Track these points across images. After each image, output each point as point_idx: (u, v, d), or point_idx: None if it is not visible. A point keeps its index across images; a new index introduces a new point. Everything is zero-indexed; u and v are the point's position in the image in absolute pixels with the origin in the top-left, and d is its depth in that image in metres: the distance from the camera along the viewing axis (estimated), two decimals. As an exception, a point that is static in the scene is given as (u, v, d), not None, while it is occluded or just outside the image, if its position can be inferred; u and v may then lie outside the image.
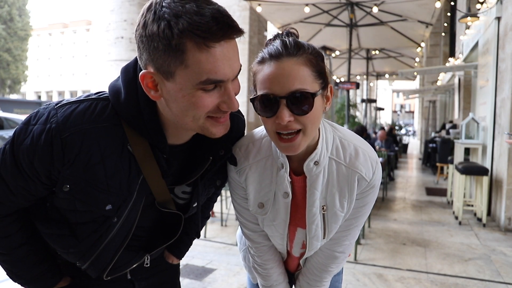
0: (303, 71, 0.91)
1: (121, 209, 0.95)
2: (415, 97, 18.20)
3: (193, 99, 0.83)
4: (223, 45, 0.80)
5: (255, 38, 11.05)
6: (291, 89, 0.90)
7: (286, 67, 0.91)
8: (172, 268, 1.30)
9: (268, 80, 0.92)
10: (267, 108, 0.93)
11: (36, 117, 0.89)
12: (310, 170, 1.03)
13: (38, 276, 1.04)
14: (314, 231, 1.10)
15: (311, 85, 0.92)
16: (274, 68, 0.92)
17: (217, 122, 0.89)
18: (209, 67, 0.80)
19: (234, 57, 0.84)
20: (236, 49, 0.85)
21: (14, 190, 0.92)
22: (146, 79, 0.84)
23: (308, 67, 0.92)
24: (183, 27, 0.76)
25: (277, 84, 0.91)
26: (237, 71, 0.86)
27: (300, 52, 0.93)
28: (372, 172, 1.05)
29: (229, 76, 0.83)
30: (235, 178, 1.12)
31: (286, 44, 0.93)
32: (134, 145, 0.91)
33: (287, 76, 0.90)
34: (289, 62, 0.91)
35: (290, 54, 0.92)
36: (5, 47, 34.21)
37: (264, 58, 0.94)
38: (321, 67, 0.96)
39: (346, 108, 9.12)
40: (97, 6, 7.65)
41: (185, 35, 0.76)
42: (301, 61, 0.92)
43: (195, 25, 0.76)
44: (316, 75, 0.94)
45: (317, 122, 0.96)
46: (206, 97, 0.83)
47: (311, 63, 0.93)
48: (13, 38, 34.99)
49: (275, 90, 0.91)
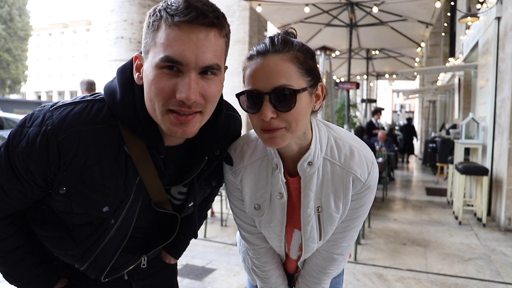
0: (288, 67, 0.91)
1: (118, 211, 0.95)
2: (415, 97, 18.19)
3: (153, 80, 0.83)
4: (192, 30, 0.81)
5: (255, 38, 11.04)
6: (274, 85, 0.90)
7: (271, 63, 0.91)
8: (169, 268, 1.29)
9: (253, 76, 0.92)
10: (251, 104, 0.93)
11: (31, 119, 0.88)
12: (304, 170, 1.02)
13: (35, 278, 1.03)
14: (310, 233, 1.09)
15: (297, 82, 0.91)
16: (259, 65, 0.91)
17: (177, 120, 0.85)
18: (171, 45, 0.81)
19: (204, 48, 0.82)
20: (210, 43, 0.83)
21: (9, 193, 0.91)
22: (136, 61, 0.91)
23: (294, 64, 0.91)
24: (160, 8, 0.84)
25: (261, 80, 0.91)
26: (203, 63, 0.83)
27: (287, 48, 0.92)
28: (368, 173, 1.04)
29: (189, 61, 0.81)
30: (231, 179, 1.12)
31: (273, 41, 0.93)
32: (130, 146, 0.91)
33: (271, 72, 0.90)
34: (274, 58, 0.91)
35: (276, 50, 0.91)
36: (5, 47, 34.23)
37: (252, 55, 0.94)
38: (309, 64, 0.94)
39: (346, 108, 9.11)
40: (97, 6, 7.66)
41: (160, 15, 0.83)
42: (287, 57, 0.91)
43: (169, 4, 0.83)
44: (303, 72, 0.93)
45: (302, 120, 0.95)
46: (165, 79, 0.82)
47: (298, 60, 0.92)
48: (13, 38, 35.00)
49: (259, 86, 0.91)
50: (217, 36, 0.85)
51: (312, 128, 1.03)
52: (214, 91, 0.88)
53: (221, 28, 0.86)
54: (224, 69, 0.93)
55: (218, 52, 0.86)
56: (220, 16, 0.86)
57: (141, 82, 0.90)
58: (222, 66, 0.90)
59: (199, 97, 0.84)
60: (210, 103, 0.88)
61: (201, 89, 0.84)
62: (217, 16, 0.84)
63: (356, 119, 13.12)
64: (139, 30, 7.13)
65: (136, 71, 0.91)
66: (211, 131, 1.00)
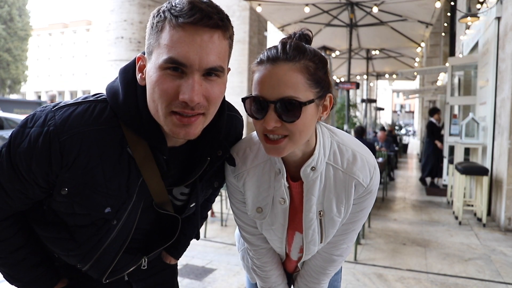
0: (296, 78, 0.89)
1: (120, 212, 0.95)
2: (415, 97, 18.18)
3: (157, 81, 0.83)
4: (197, 32, 0.81)
5: (255, 38, 11.04)
6: (281, 95, 0.89)
7: (279, 72, 0.90)
8: (170, 269, 1.29)
9: (261, 83, 0.92)
10: (256, 110, 0.93)
11: (33, 119, 0.88)
12: (307, 175, 1.02)
13: (35, 279, 1.03)
14: (311, 236, 1.10)
15: (304, 94, 0.90)
16: (268, 72, 0.91)
17: (180, 121, 0.85)
18: (175, 46, 0.81)
19: (208, 49, 0.82)
20: (214, 45, 0.83)
21: (11, 193, 0.91)
22: (139, 62, 0.91)
23: (303, 75, 0.90)
24: (165, 9, 0.84)
25: (268, 88, 0.90)
26: (207, 65, 0.83)
27: (298, 58, 0.91)
28: (370, 178, 1.04)
29: (193, 62, 0.81)
30: (233, 182, 1.12)
31: (285, 48, 0.92)
32: (133, 147, 0.91)
33: (279, 81, 0.89)
34: (284, 67, 0.90)
35: (287, 59, 0.90)
36: (5, 47, 34.20)
37: (262, 60, 0.94)
38: (318, 75, 0.93)
39: (346, 108, 9.11)
40: (97, 6, 7.65)
41: (164, 15, 0.83)
42: (296, 67, 0.90)
43: (173, 5, 0.83)
44: (312, 83, 0.92)
45: (306, 131, 0.94)
46: (168, 80, 0.82)
47: (308, 70, 0.91)
48: (13, 38, 34.98)
49: (265, 94, 0.90)
50: (221, 38, 0.85)
51: (316, 134, 1.03)
52: (217, 93, 0.88)
53: (225, 30, 0.86)
54: (227, 71, 0.93)
55: (221, 54, 0.86)
56: (224, 18, 0.85)
57: (144, 83, 0.89)
58: (226, 68, 0.90)
59: (202, 99, 0.84)
60: (213, 105, 0.88)
61: (204, 91, 0.84)
62: (222, 18, 0.84)
63: (356, 119, 13.12)
64: (139, 30, 7.13)
65: (139, 72, 0.91)
66: (214, 132, 1.00)
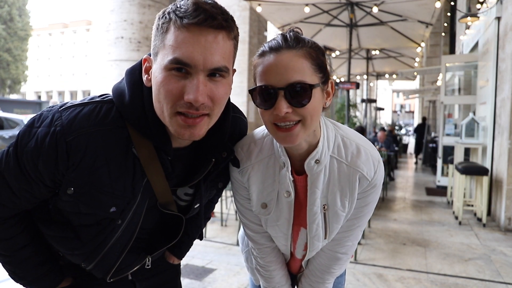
0: (302, 63, 0.91)
1: (125, 212, 0.95)
2: (415, 97, 18.18)
3: (162, 81, 0.84)
4: (201, 33, 0.82)
5: (255, 38, 11.05)
6: (289, 80, 0.90)
7: (285, 59, 0.91)
8: (173, 268, 1.30)
9: (267, 72, 0.92)
10: (265, 100, 0.93)
11: (40, 119, 0.88)
12: (311, 168, 1.02)
13: (40, 277, 1.04)
14: (315, 231, 1.10)
15: (310, 78, 0.92)
16: (273, 60, 0.92)
17: (185, 122, 0.86)
18: (179, 46, 0.81)
19: (212, 50, 0.83)
20: (219, 46, 0.84)
21: (17, 192, 0.92)
22: (145, 64, 0.92)
23: (307, 60, 0.92)
24: (170, 10, 0.85)
25: (275, 76, 0.91)
26: (212, 65, 0.83)
27: (300, 45, 0.93)
28: (374, 171, 1.04)
29: (197, 62, 0.82)
30: (237, 178, 1.12)
31: (286, 38, 0.94)
32: (138, 147, 0.91)
33: (286, 67, 0.90)
34: (288, 54, 0.91)
35: (290, 46, 0.92)
36: (5, 47, 34.21)
37: (265, 51, 0.95)
38: (321, 60, 0.95)
39: (346, 108, 9.11)
40: (97, 6, 7.65)
41: (169, 17, 0.84)
42: (300, 53, 0.92)
43: (178, 7, 0.84)
44: (316, 68, 0.94)
45: (316, 115, 0.95)
46: (173, 81, 0.83)
47: (311, 56, 0.93)
48: (13, 38, 34.98)
49: (273, 82, 0.91)
50: (226, 38, 0.86)
51: (321, 126, 1.04)
52: (222, 93, 0.88)
53: (230, 30, 0.87)
54: (233, 71, 0.94)
55: (226, 54, 0.87)
56: (228, 19, 0.86)
57: (150, 84, 0.90)
58: (231, 68, 0.91)
59: (207, 99, 0.85)
60: (217, 105, 0.89)
61: (209, 91, 0.85)
62: (226, 18, 0.85)
63: (356, 119, 13.12)
64: (139, 30, 7.13)
65: (145, 73, 0.92)
66: (219, 133, 1.00)
